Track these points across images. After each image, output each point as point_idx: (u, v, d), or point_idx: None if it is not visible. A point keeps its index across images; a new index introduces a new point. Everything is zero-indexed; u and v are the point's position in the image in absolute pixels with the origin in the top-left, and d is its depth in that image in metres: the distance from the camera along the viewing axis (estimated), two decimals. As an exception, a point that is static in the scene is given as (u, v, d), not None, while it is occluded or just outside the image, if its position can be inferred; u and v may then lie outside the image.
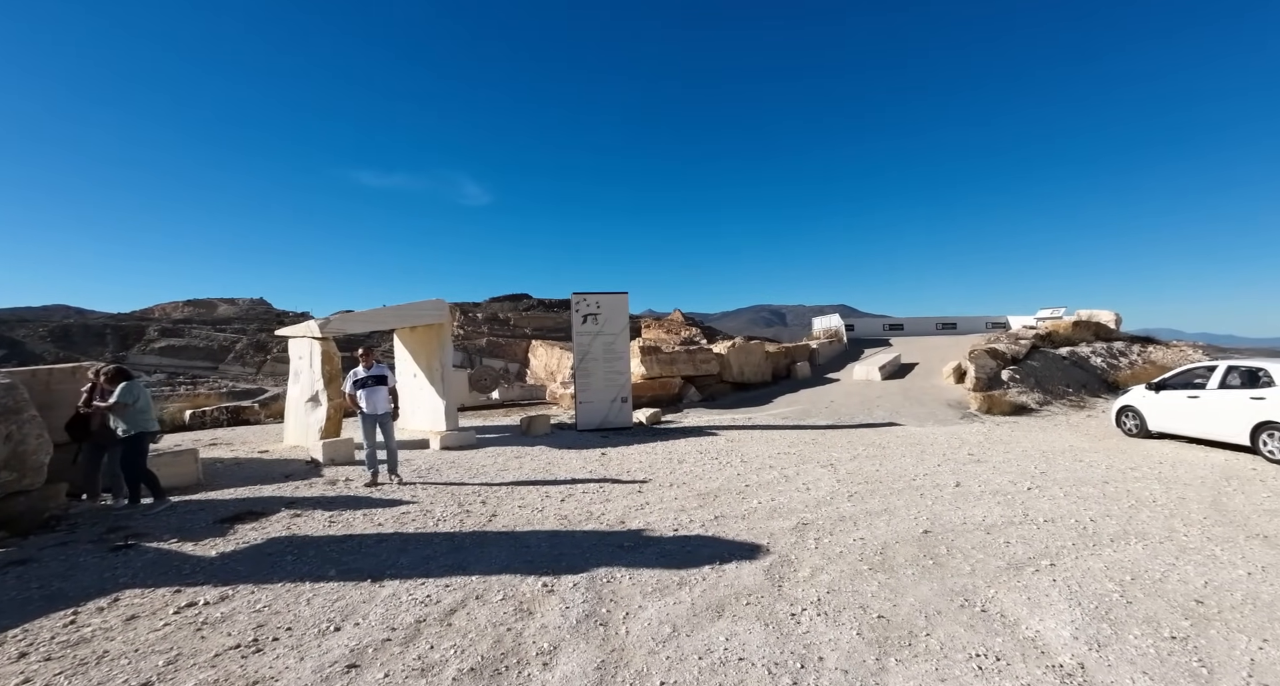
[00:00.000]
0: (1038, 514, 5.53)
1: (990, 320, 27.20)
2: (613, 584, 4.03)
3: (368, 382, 7.02)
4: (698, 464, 8.10)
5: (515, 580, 4.11)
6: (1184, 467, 7.52)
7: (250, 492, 6.77)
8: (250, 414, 14.47)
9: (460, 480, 7.28)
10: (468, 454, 9.06)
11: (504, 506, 6.04)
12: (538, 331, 39.50)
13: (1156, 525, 5.17)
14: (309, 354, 9.79)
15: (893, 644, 3.20)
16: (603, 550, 4.70)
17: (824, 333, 25.52)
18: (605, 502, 6.13)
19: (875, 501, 6.04)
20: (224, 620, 3.57)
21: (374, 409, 6.99)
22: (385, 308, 11.08)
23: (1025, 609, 3.57)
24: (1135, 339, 20.96)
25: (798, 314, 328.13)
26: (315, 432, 9.26)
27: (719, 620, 3.50)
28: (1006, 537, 4.88)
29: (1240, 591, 3.78)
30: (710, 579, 4.09)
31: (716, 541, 4.89)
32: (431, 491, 6.71)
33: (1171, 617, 3.43)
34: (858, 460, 8.20)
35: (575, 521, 5.51)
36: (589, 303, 11.75)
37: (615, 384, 11.79)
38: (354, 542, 4.94)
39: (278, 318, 64.49)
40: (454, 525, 5.41)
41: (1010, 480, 6.90)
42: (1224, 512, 5.55)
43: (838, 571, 4.20)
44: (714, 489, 6.65)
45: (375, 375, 7.10)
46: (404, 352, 11.32)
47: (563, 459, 8.63)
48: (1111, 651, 3.08)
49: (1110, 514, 5.52)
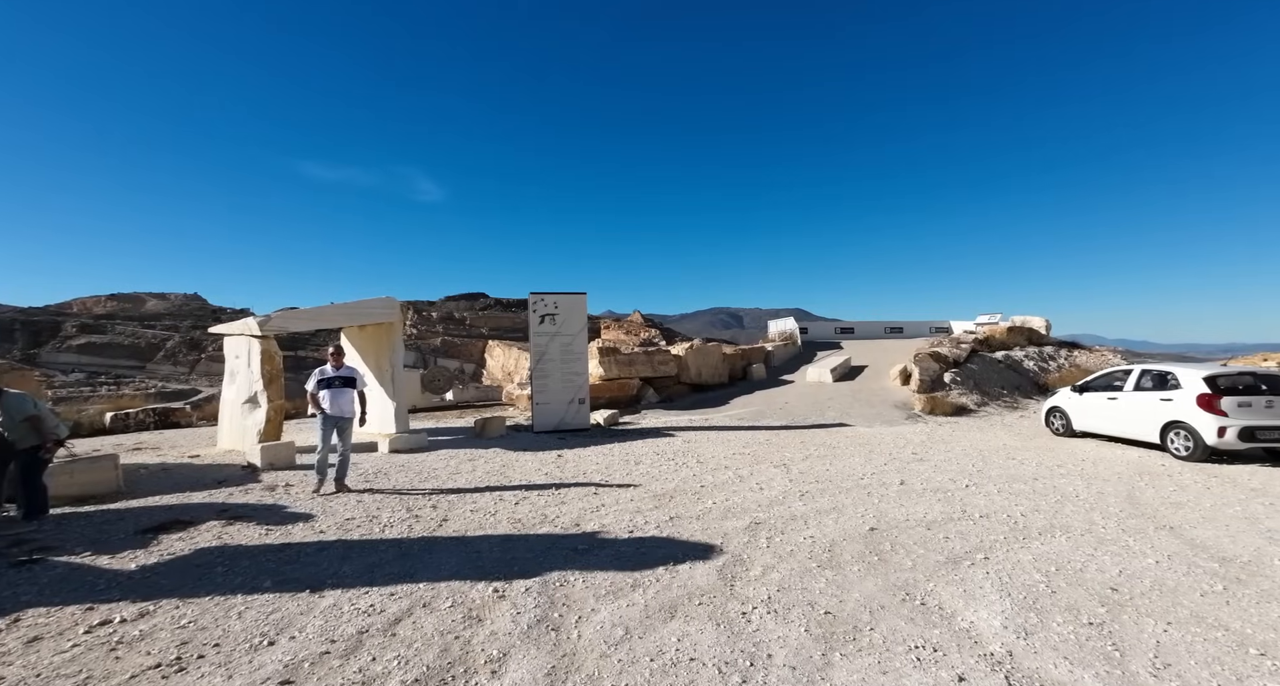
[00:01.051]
0: (974, 510, 5.83)
1: (934, 325, 28.52)
2: (566, 587, 3.99)
3: (335, 383, 6.70)
4: (654, 465, 8.13)
5: (465, 586, 4.00)
6: (1104, 464, 8.09)
7: (178, 500, 6.34)
8: (181, 416, 13.57)
9: (410, 484, 7.05)
10: (418, 457, 8.78)
11: (455, 511, 5.88)
12: (495, 331, 38.76)
13: (1079, 518, 5.54)
14: (247, 353, 9.27)
15: (838, 639, 3.29)
16: (556, 553, 4.64)
17: (779, 335, 26.13)
18: (560, 505, 6.06)
19: (825, 500, 6.21)
20: (143, 638, 3.31)
21: (339, 411, 6.68)
22: (332, 305, 10.63)
23: (961, 601, 3.75)
24: (1063, 344, 22.45)
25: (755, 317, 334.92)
26: (253, 436, 8.77)
27: (671, 621, 3.51)
28: (946, 533, 5.11)
29: (1149, 579, 4.09)
30: (664, 580, 4.10)
31: (671, 542, 4.91)
32: (379, 496, 6.46)
33: (1090, 605, 3.68)
34: (809, 460, 8.43)
35: (529, 525, 5.42)
36: (546, 303, 11.62)
37: (573, 385, 11.70)
38: (293, 552, 4.70)
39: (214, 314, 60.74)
40: (402, 531, 5.23)
41: (950, 478, 7.24)
42: (1137, 505, 6.00)
43: (788, 569, 4.29)
44: (670, 490, 6.69)
45: (344, 376, 6.79)
46: (352, 352, 10.87)
47: (518, 461, 8.49)
48: (1037, 638, 3.27)
49: (1039, 509, 5.87)
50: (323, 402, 6.60)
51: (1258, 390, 8.21)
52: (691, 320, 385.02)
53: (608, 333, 32.63)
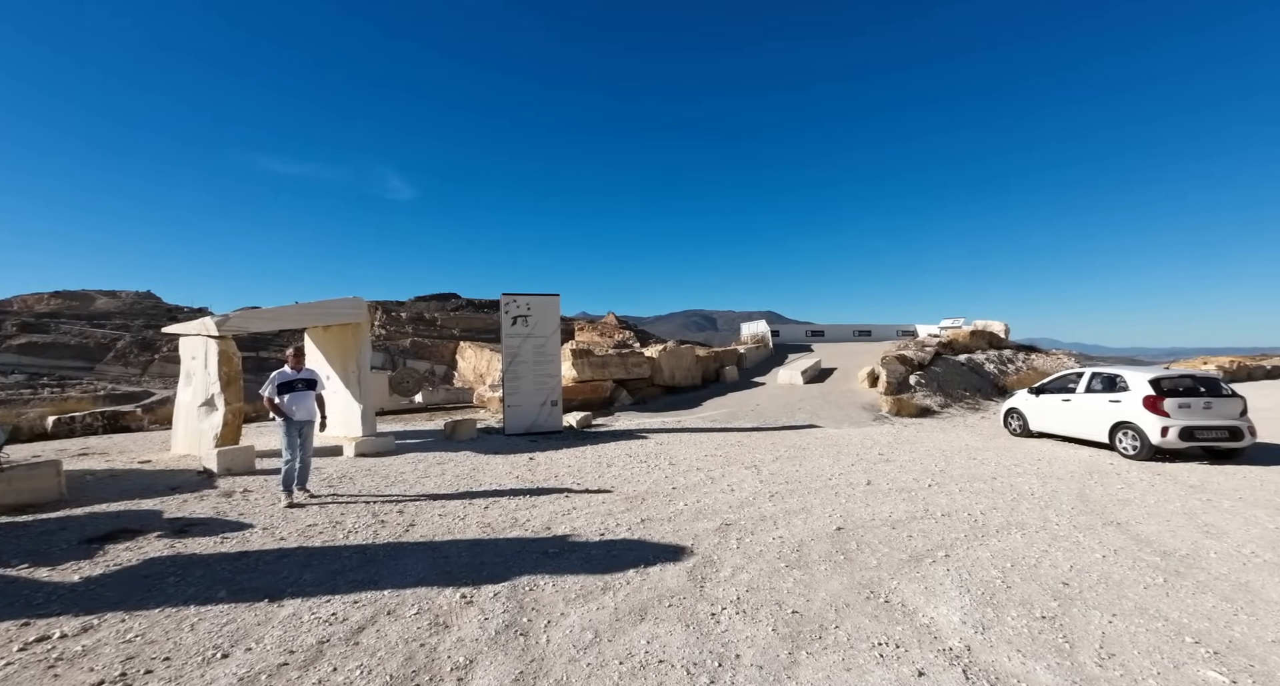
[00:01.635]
0: (936, 509, 6.00)
1: (901, 328, 29.30)
2: (535, 591, 3.95)
3: (298, 386, 6.36)
4: (626, 467, 8.13)
5: (432, 592, 3.93)
6: (1058, 463, 8.43)
7: (127, 507, 6.04)
8: (131, 419, 12.95)
9: (376, 488, 6.88)
10: (385, 461, 8.58)
11: (423, 515, 5.77)
12: (466, 332, 38.15)
13: (1033, 516, 5.76)
14: (204, 354, 8.91)
15: (805, 638, 3.35)
16: (526, 557, 4.60)
17: (751, 338, 26.45)
18: (531, 508, 6.01)
19: (794, 501, 6.31)
20: (85, 654, 3.15)
21: (306, 415, 6.42)
22: (296, 305, 10.31)
23: (923, 598, 3.86)
24: (1021, 347, 23.32)
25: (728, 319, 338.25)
26: (210, 440, 8.43)
27: (641, 623, 3.51)
28: (909, 532, 5.25)
29: (1097, 572, 4.28)
30: (634, 582, 4.10)
31: (642, 544, 4.92)
32: (343, 501, 6.29)
33: (1043, 599, 3.83)
34: (780, 461, 8.55)
35: (499, 529, 5.36)
36: (519, 304, 11.51)
37: (545, 387, 11.61)
38: (250, 560, 4.53)
39: (168, 313, 58.15)
40: (366, 537, 5.10)
41: (914, 478, 7.45)
42: (1087, 503, 6.27)
43: (757, 570, 4.34)
44: (642, 492, 6.69)
45: (306, 378, 6.48)
46: (316, 354, 10.57)
47: (488, 464, 8.38)
48: (993, 633, 3.38)
49: (997, 507, 6.09)
50: (287, 407, 6.30)
51: (1197, 392, 8.68)
52: (666, 322, 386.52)
53: (582, 334, 32.50)
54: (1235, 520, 5.60)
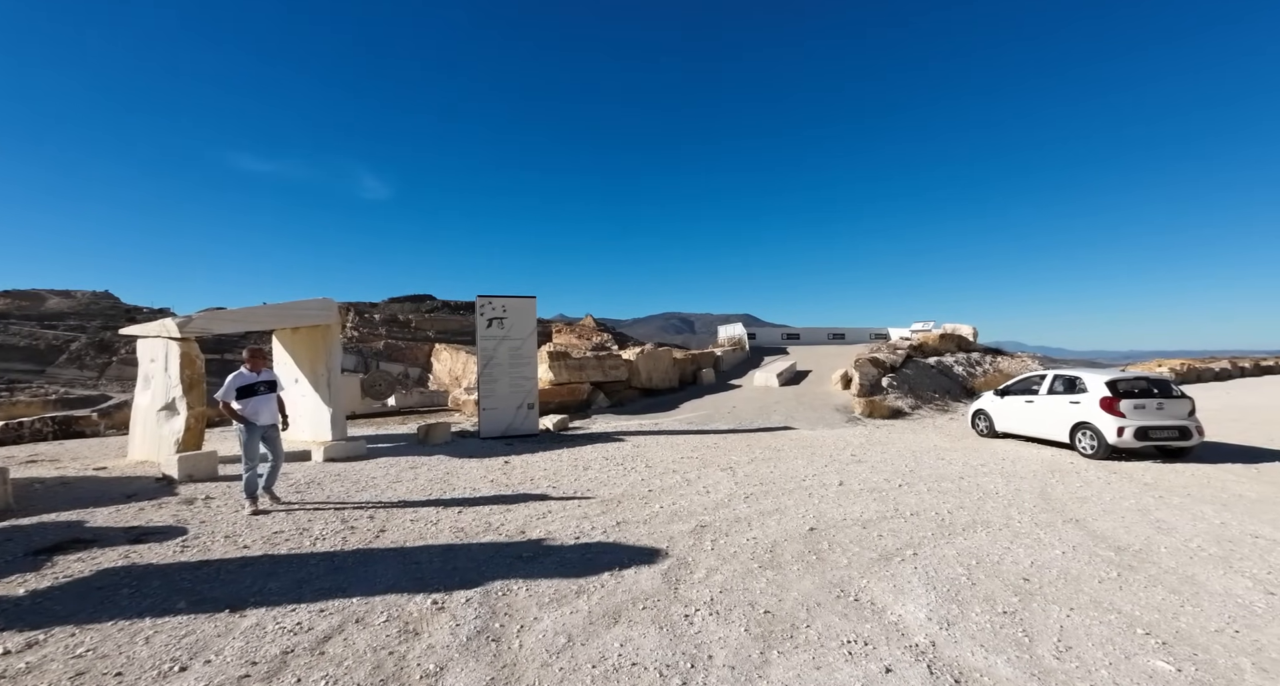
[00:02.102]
0: (906, 508, 6.14)
1: (874, 332, 29.90)
2: (508, 596, 3.91)
3: (259, 389, 6.11)
4: (603, 470, 8.11)
5: (402, 599, 3.86)
6: (1021, 463, 8.71)
7: (79, 516, 5.79)
8: (86, 424, 12.41)
9: (345, 494, 6.73)
10: (356, 465, 8.39)
11: (394, 521, 5.66)
12: (441, 334, 37.57)
13: (998, 514, 5.94)
14: (164, 356, 8.60)
15: (776, 637, 3.39)
16: (500, 562, 4.55)
17: (728, 341, 26.67)
18: (505, 512, 5.95)
19: (769, 502, 6.38)
20: (30, 671, 3.00)
21: (270, 419, 6.20)
22: (264, 305, 10.03)
23: (891, 596, 3.94)
24: (988, 350, 24.03)
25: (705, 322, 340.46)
26: (170, 445, 8.14)
27: (615, 626, 3.51)
28: (879, 531, 5.36)
29: (1056, 568, 4.44)
30: (609, 585, 4.10)
31: (617, 547, 4.91)
32: (311, 507, 6.13)
33: (1005, 595, 3.95)
34: (755, 463, 8.64)
35: (472, 533, 5.29)
36: (494, 306, 11.40)
37: (521, 390, 11.52)
38: (211, 569, 4.39)
39: (127, 314, 55.89)
40: (335, 543, 4.98)
41: (885, 478, 7.60)
42: (1048, 500, 6.49)
43: (731, 571, 4.38)
44: (618, 495, 6.69)
45: (268, 380, 6.24)
46: (284, 356, 10.29)
47: (463, 468, 8.27)
48: (958, 628, 3.48)
49: (963, 506, 6.25)
50: (249, 412, 6.04)
51: (1150, 394, 9.07)
52: (644, 325, 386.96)
53: (559, 337, 32.33)
54: (1184, 516, 5.86)
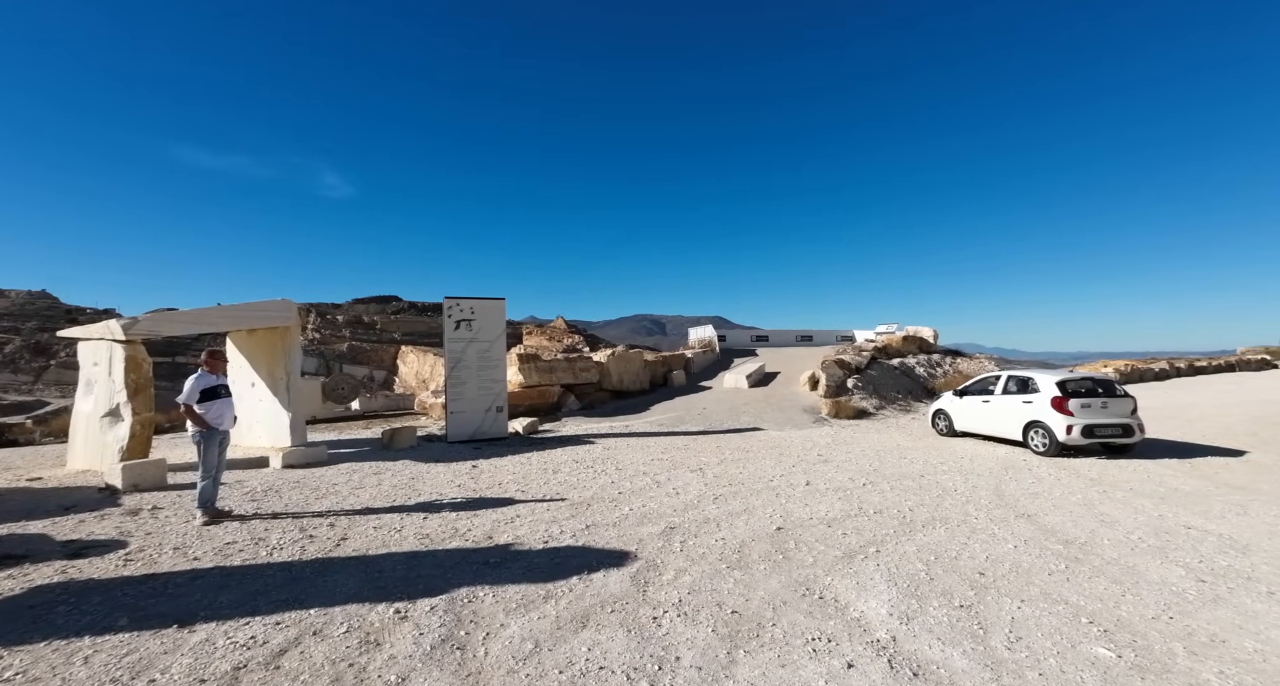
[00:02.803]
0: (869, 506, 6.30)
1: (840, 334, 30.59)
2: (474, 603, 3.85)
3: (220, 392, 5.92)
4: (573, 473, 8.06)
5: (363, 609, 3.75)
6: (978, 461, 9.04)
7: (11, 530, 5.43)
8: (20, 432, 11.68)
9: (305, 502, 6.50)
10: (316, 472, 8.13)
11: (356, 528, 5.50)
12: (408, 336, 36.73)
13: (956, 511, 6.15)
14: (108, 360, 8.16)
15: (743, 637, 3.43)
16: (466, 568, 4.48)
17: (699, 343, 26.88)
18: (473, 518, 5.85)
19: (737, 502, 6.46)
20: (-46, 697, 2.81)
21: (230, 424, 6.05)
22: (218, 307, 9.64)
23: (854, 592, 4.03)
24: (948, 352, 24.87)
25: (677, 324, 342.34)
26: (114, 453, 7.72)
27: (583, 630, 3.49)
28: (844, 529, 5.48)
29: (1009, 562, 4.62)
30: (577, 589, 4.08)
31: (586, 551, 4.89)
32: (267, 516, 5.91)
33: (961, 589, 4.09)
34: (724, 464, 8.72)
35: (438, 539, 5.18)
36: (462, 308, 11.22)
37: (490, 393, 11.36)
38: (158, 583, 4.18)
39: (67, 315, 52.87)
40: (292, 553, 4.81)
41: (850, 477, 7.78)
42: (1002, 497, 6.76)
43: (699, 572, 4.41)
44: (587, 498, 6.66)
45: (225, 384, 6.08)
46: (240, 359, 9.90)
47: (429, 473, 8.10)
48: (917, 623, 3.58)
49: (924, 503, 6.45)
50: (212, 417, 5.80)
51: (1096, 393, 9.54)
52: (616, 326, 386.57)
53: (530, 338, 32.02)
54: (1126, 509, 6.18)
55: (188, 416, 5.80)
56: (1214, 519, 5.86)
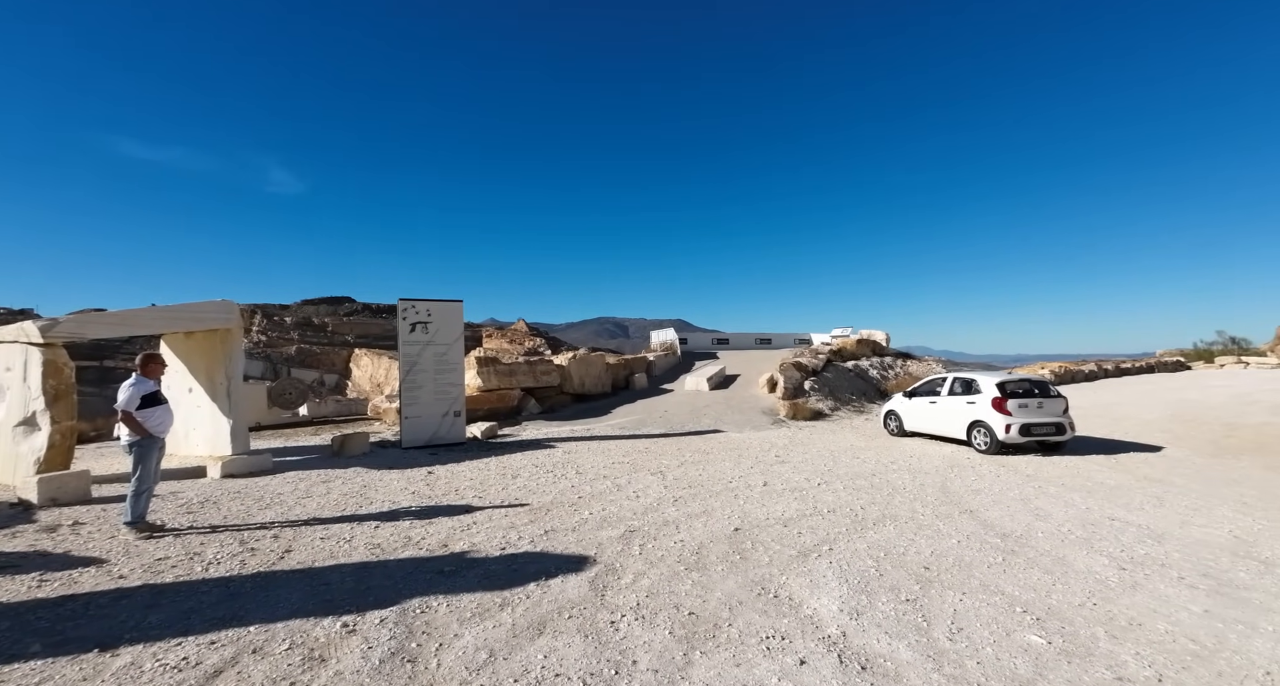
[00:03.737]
0: (824, 505, 6.47)
1: (798, 337, 31.36)
2: (427, 614, 3.75)
3: (160, 398, 5.61)
4: (532, 478, 7.97)
5: (307, 624, 3.59)
6: (926, 460, 9.43)
7: (-94, 552, 4.94)
8: (-81, 443, 10.62)
9: (246, 513, 6.18)
10: (260, 481, 7.74)
11: (302, 539, 5.27)
12: (362, 339, 35.45)
13: (904, 508, 6.39)
14: (22, 365, 7.54)
15: (699, 638, 3.46)
16: (419, 578, 4.35)
17: (661, 345, 27.03)
18: (427, 526, 5.70)
19: (697, 504, 6.52)
20: None
21: (168, 432, 5.76)
22: (152, 308, 9.07)
23: (808, 590, 4.14)
24: (899, 354, 25.85)
25: (639, 327, 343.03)
26: (29, 465, 7.13)
27: (539, 638, 3.45)
28: (799, 529, 5.62)
29: (952, 556, 4.84)
30: (534, 596, 4.03)
31: (545, 556, 4.84)
32: (204, 530, 5.58)
33: (908, 584, 4.26)
34: (684, 466, 8.79)
35: (390, 549, 5.02)
36: (418, 310, 10.93)
37: (448, 397, 11.09)
38: (78, 605, 3.88)
39: (-20, 313, 48.57)
40: (231, 568, 4.56)
41: (806, 477, 7.98)
42: (947, 494, 7.07)
43: (658, 574, 4.43)
44: (547, 503, 6.59)
45: (161, 390, 5.76)
46: (176, 363, 9.33)
47: (381, 480, 7.84)
48: (866, 618, 3.71)
49: (875, 501, 6.68)
50: (154, 424, 5.48)
51: (1032, 394, 10.13)
52: (578, 329, 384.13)
53: (490, 341, 31.48)
54: (1058, 503, 6.58)
55: (128, 424, 5.43)
56: (1134, 510, 6.30)
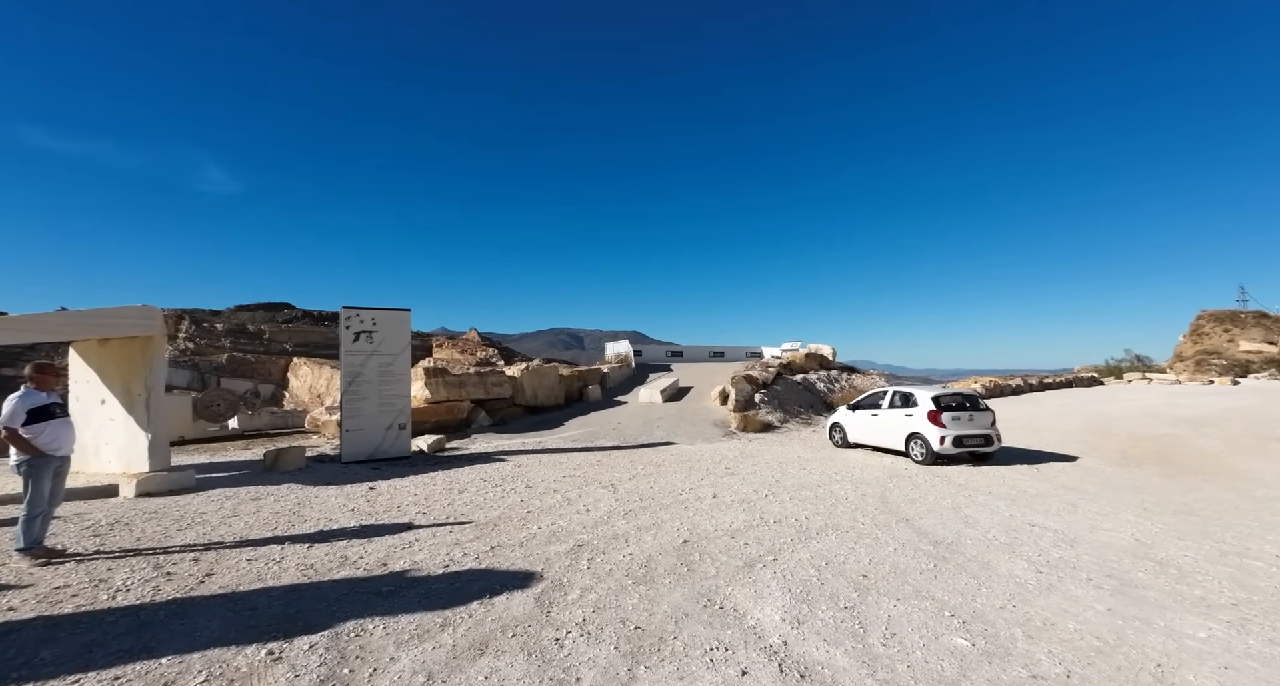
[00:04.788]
0: (770, 516, 6.62)
1: (750, 350, 32.10)
2: (362, 637, 3.58)
3: (54, 412, 5.04)
4: (480, 492, 7.77)
5: (228, 653, 3.36)
6: (868, 470, 9.81)
7: None
8: None
9: (164, 534, 5.74)
10: (180, 500, 7.21)
11: (226, 562, 4.93)
12: (301, 348, 33.70)
13: (846, 518, 6.62)
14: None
15: (645, 652, 3.46)
16: (355, 600, 4.16)
17: (615, 357, 27.05)
18: (366, 544, 5.46)
19: (647, 517, 6.53)
20: None
21: (69, 448, 5.20)
22: (60, 312, 8.36)
23: (752, 601, 4.21)
24: (845, 368, 26.87)
25: (594, 338, 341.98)
26: (-95, 485, 6.38)
27: (481, 658, 3.36)
28: (746, 540, 5.72)
29: (889, 564, 5.05)
30: (478, 615, 3.92)
31: (490, 573, 4.73)
32: (114, 555, 5.14)
33: (847, 592, 4.41)
34: (636, 479, 8.80)
35: (325, 570, 4.78)
36: (362, 318, 10.54)
37: (392, 409, 10.70)
38: (-42, 641, 3.49)
39: None
40: (143, 595, 4.22)
41: (754, 489, 8.14)
42: (886, 503, 7.38)
43: (605, 589, 4.41)
44: (494, 518, 6.44)
45: (59, 401, 5.21)
46: (88, 373, 8.62)
47: (318, 497, 7.45)
48: (806, 626, 3.81)
49: (819, 512, 6.89)
50: (46, 442, 4.94)
51: (964, 407, 10.74)
52: (533, 340, 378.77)
53: (441, 351, 30.58)
54: (985, 511, 6.98)
55: (12, 442, 4.88)
56: (1051, 516, 6.77)
